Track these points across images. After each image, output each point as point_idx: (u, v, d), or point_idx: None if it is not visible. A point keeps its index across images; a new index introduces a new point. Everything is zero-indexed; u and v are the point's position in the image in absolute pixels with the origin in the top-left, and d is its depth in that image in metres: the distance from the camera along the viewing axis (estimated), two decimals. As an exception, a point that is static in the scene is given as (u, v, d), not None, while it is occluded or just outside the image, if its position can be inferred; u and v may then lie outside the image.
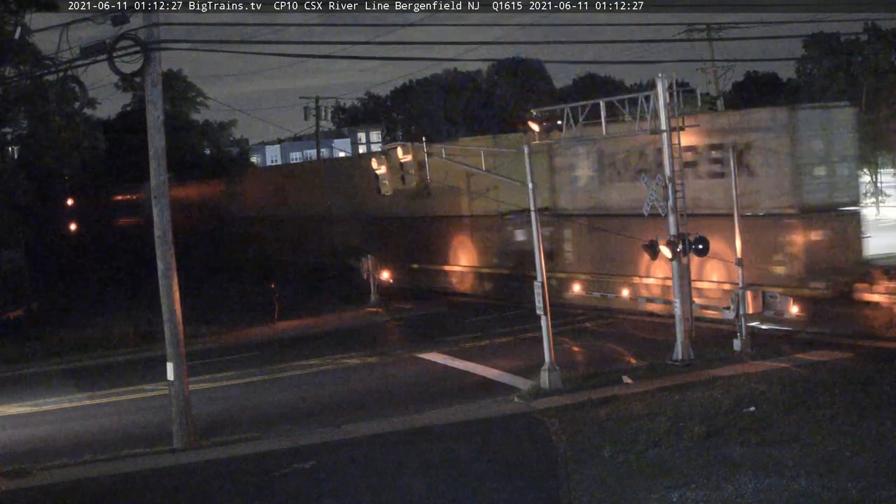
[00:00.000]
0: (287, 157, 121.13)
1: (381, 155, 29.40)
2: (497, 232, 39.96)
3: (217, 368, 29.85)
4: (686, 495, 15.34)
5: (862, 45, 67.43)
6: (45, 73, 33.38)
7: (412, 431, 21.20)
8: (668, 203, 25.81)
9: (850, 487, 15.04)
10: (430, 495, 16.79)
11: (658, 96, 26.04)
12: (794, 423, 18.74)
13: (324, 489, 17.58)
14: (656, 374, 24.49)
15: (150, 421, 23.72)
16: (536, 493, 16.51)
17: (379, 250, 44.09)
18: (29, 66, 38.16)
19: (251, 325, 38.01)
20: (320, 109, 72.55)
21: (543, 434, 20.15)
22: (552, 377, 23.74)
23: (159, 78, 21.14)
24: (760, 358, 25.13)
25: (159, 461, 20.16)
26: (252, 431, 21.86)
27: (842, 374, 22.71)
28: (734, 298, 26.11)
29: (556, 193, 37.04)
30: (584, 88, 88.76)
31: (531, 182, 24.83)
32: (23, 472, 19.58)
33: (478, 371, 27.29)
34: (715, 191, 29.89)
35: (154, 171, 21.25)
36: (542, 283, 24.15)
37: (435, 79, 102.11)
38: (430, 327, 35.28)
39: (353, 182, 48.42)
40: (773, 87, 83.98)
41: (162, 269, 21.29)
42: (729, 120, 31.37)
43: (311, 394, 26.54)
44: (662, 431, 18.87)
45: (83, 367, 32.24)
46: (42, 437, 23.25)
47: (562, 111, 28.58)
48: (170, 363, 21.28)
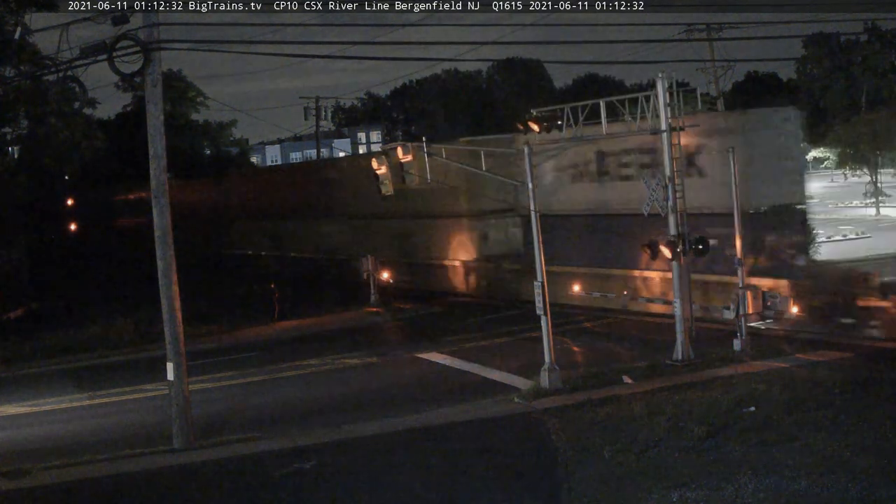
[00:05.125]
0: (287, 158, 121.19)
1: (381, 155, 29.41)
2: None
3: (217, 368, 29.83)
4: (686, 495, 15.34)
5: (862, 45, 67.48)
6: (45, 73, 33.39)
7: (412, 431, 21.19)
8: (668, 203, 25.81)
9: (850, 487, 15.04)
10: (430, 495, 16.79)
11: (658, 96, 26.04)
12: (794, 423, 18.74)
13: (324, 489, 17.58)
14: (656, 374, 24.49)
15: (150, 421, 23.71)
16: (536, 494, 16.50)
17: (378, 250, 44.18)
18: (29, 66, 38.17)
19: (251, 325, 38.00)
20: (320, 109, 72.63)
21: (543, 434, 20.14)
22: (552, 377, 23.73)
23: (159, 78, 21.13)
24: (760, 358, 25.13)
25: (159, 461, 20.14)
26: (252, 431, 21.84)
27: (842, 374, 22.70)
28: (734, 298, 26.12)
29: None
30: (584, 88, 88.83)
31: (531, 182, 24.83)
32: (23, 472, 19.55)
33: (478, 371, 27.28)
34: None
35: (154, 171, 21.23)
36: (542, 283, 24.13)
37: (435, 79, 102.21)
38: (430, 327, 35.27)
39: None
40: (773, 87, 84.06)
41: (162, 269, 21.27)
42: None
43: (311, 394, 26.54)
44: (662, 431, 18.87)
45: (83, 367, 32.21)
46: (42, 437, 23.23)
47: (562, 111, 28.58)
48: (170, 363, 21.26)
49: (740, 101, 69.63)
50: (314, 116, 72.39)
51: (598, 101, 28.20)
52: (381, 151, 29.87)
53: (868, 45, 67.47)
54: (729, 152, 26.87)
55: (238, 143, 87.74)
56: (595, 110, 28.14)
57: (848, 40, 67.30)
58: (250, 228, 61.25)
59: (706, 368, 24.52)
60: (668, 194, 25.71)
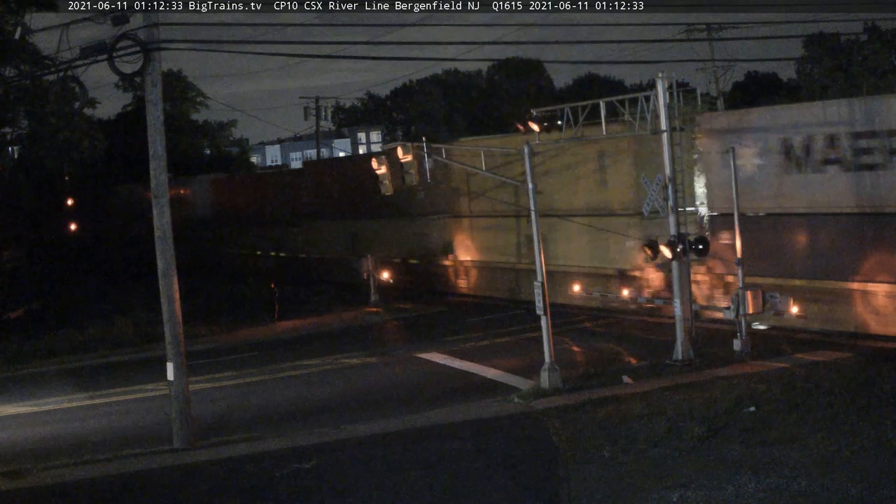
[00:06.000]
0: (287, 157, 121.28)
1: (381, 155, 29.38)
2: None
3: (217, 368, 29.85)
4: (686, 495, 15.35)
5: (862, 45, 67.41)
6: (45, 73, 33.48)
7: (412, 431, 21.20)
8: (669, 203, 25.82)
9: (850, 487, 15.04)
10: (430, 495, 16.79)
11: (658, 96, 26.05)
12: (794, 423, 18.74)
13: (324, 489, 17.57)
14: (656, 374, 24.50)
15: (151, 421, 23.73)
16: (536, 494, 16.50)
17: (378, 250, 44.22)
18: (29, 66, 38.23)
19: (251, 325, 38.02)
20: (320, 109, 72.59)
21: (543, 434, 20.14)
22: (552, 377, 23.74)
23: (159, 78, 21.14)
24: (760, 358, 25.14)
25: (159, 461, 20.15)
26: (252, 431, 21.87)
27: (842, 374, 22.70)
28: (734, 298, 26.12)
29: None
30: (584, 88, 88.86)
31: (531, 183, 24.83)
32: (23, 472, 19.58)
33: (478, 371, 27.28)
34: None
35: (154, 171, 21.25)
36: (542, 283, 24.14)
37: (435, 79, 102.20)
38: (430, 327, 35.28)
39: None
40: (773, 87, 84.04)
41: (162, 269, 21.28)
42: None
43: (311, 394, 26.55)
44: (662, 431, 18.87)
45: (83, 367, 32.23)
46: (42, 437, 23.24)
47: (562, 111, 28.58)
48: (170, 363, 21.27)
49: (740, 102, 69.61)
50: (314, 116, 72.39)
51: (598, 101, 28.20)
52: (382, 151, 29.82)
53: (868, 45, 67.41)
54: (729, 152, 26.87)
55: (238, 143, 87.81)
56: (595, 110, 28.14)
57: (848, 40, 67.24)
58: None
59: (706, 368, 24.52)
60: (667, 194, 25.74)
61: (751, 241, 27.98)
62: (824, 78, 68.41)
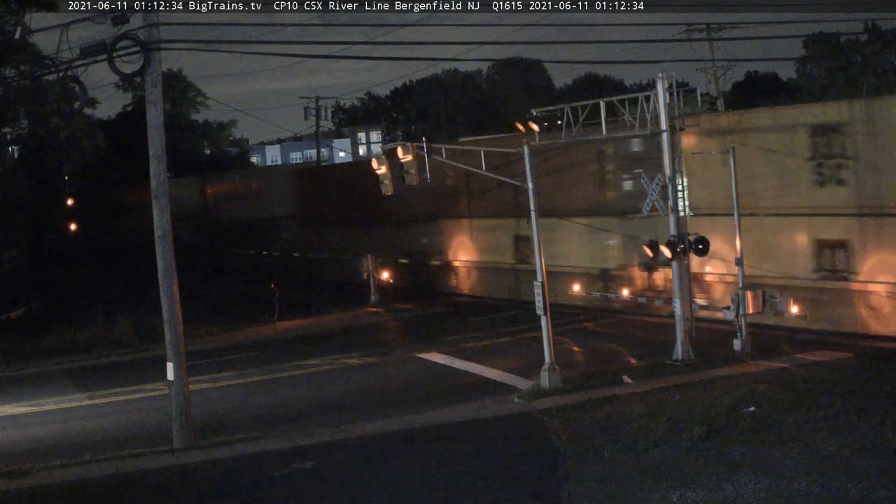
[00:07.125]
0: (287, 157, 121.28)
1: (381, 155, 29.36)
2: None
3: (217, 368, 29.85)
4: (686, 495, 15.34)
5: (862, 45, 67.39)
6: (45, 73, 33.39)
7: (412, 431, 21.20)
8: (669, 203, 25.81)
9: (850, 487, 15.04)
10: (430, 495, 16.78)
11: (658, 96, 26.04)
12: (794, 423, 18.73)
13: (324, 489, 17.57)
14: (656, 374, 24.50)
15: (150, 421, 23.73)
16: (536, 493, 16.50)
17: (379, 250, 44.21)
18: (29, 66, 38.20)
19: (251, 325, 38.02)
20: (320, 109, 72.60)
21: (543, 434, 20.14)
22: (552, 377, 23.73)
23: (159, 78, 21.14)
24: (760, 358, 25.13)
25: (159, 461, 20.15)
26: (252, 431, 21.85)
27: (842, 374, 22.71)
28: (734, 298, 26.09)
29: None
30: (584, 88, 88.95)
31: (531, 182, 24.82)
32: (23, 472, 19.57)
33: (478, 371, 27.29)
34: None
35: (154, 171, 21.25)
36: (543, 283, 24.14)
37: (435, 79, 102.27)
38: (430, 327, 35.28)
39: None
40: (773, 87, 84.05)
41: (162, 269, 21.28)
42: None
43: (311, 394, 26.54)
44: (662, 431, 18.86)
45: (83, 367, 32.23)
46: (42, 437, 23.24)
47: (562, 111, 28.55)
48: (170, 363, 21.27)
49: (740, 102, 69.62)
50: (314, 116, 72.39)
51: (598, 101, 28.18)
52: (382, 151, 29.78)
53: (868, 45, 67.39)
54: (729, 152, 26.86)
55: (238, 143, 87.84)
56: (595, 110, 28.11)
57: (848, 40, 67.25)
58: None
59: (706, 368, 24.52)
60: (667, 194, 25.73)
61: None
62: (824, 78, 68.39)
